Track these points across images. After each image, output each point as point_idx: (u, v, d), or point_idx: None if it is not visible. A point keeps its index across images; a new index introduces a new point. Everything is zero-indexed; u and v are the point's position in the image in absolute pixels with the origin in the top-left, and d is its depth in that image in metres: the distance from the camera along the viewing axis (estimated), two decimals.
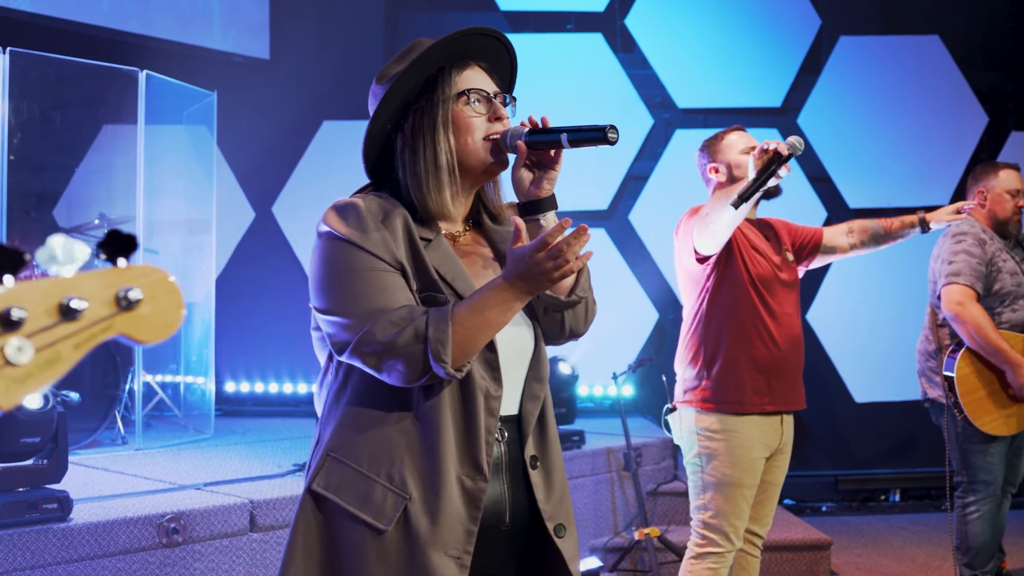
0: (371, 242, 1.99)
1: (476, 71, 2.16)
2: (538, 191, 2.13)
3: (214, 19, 7.53)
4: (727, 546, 3.81)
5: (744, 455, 3.78)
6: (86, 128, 6.23)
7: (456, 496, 1.98)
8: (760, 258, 3.83)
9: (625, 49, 8.02)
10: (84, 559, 3.97)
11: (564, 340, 2.25)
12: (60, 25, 6.59)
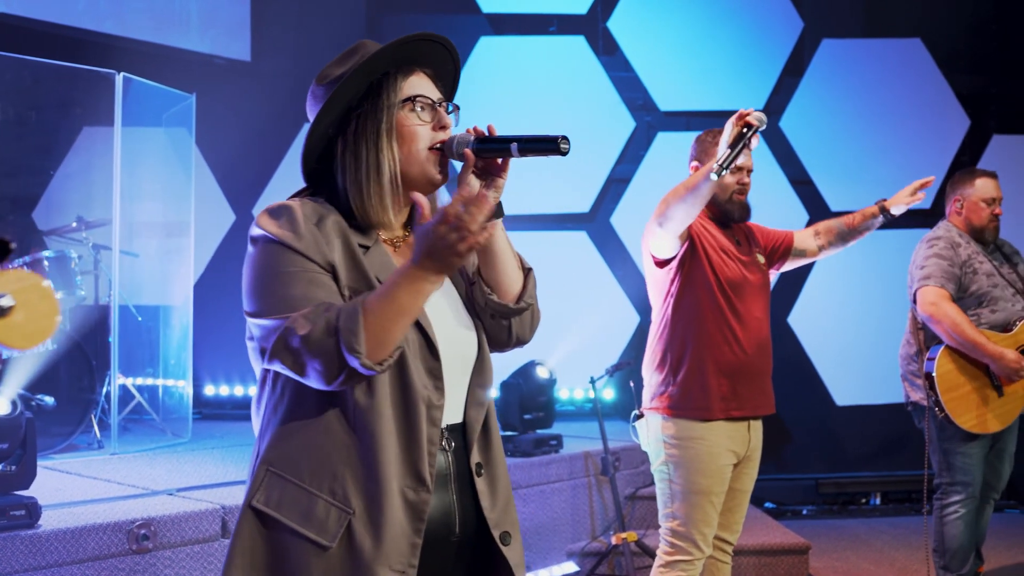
0: (303, 243, 1.94)
1: (421, 77, 2.12)
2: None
3: (192, 21, 7.50)
4: (696, 554, 3.78)
5: (711, 462, 3.75)
6: (62, 130, 6.20)
7: (399, 509, 1.94)
8: (728, 260, 3.80)
9: (607, 52, 8.00)
10: (52, 566, 3.93)
11: (511, 347, 2.21)
12: (36, 26, 6.54)
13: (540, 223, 7.82)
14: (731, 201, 3.85)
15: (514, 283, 2.15)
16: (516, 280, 2.15)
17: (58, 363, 5.94)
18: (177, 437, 6.61)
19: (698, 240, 3.74)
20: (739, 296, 3.79)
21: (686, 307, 3.77)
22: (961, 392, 4.68)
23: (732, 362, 3.76)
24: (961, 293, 4.72)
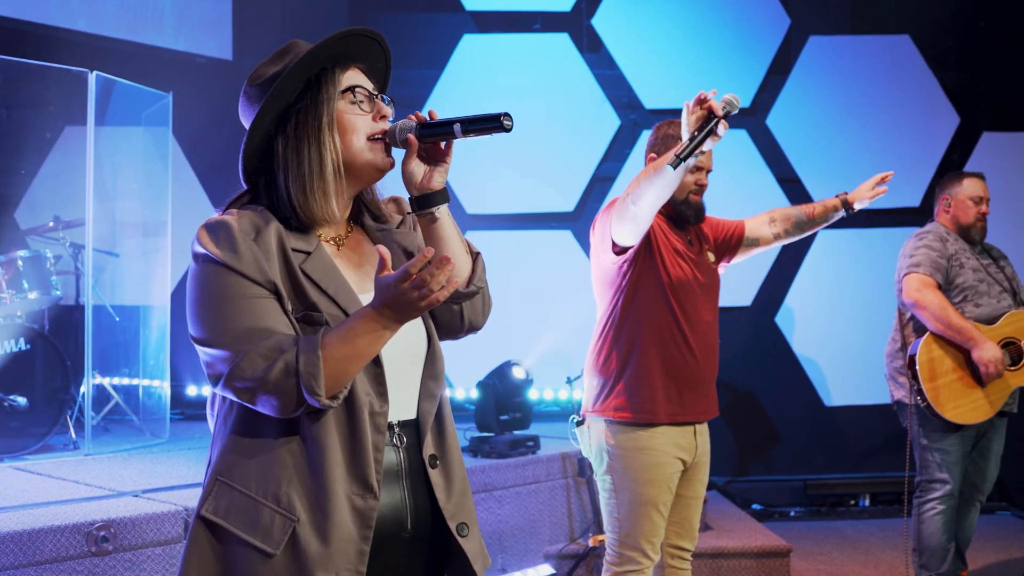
0: (243, 263, 1.92)
1: (356, 72, 2.12)
2: (430, 184, 2.11)
3: (167, 19, 7.45)
4: (645, 562, 3.69)
5: (657, 472, 3.65)
6: (34, 130, 6.15)
7: (346, 515, 1.94)
8: (680, 261, 3.69)
9: (592, 49, 7.93)
10: (8, 568, 3.87)
11: (463, 333, 2.22)
12: (6, 24, 6.50)
13: (524, 222, 7.76)
14: (686, 202, 3.73)
15: (463, 267, 2.16)
16: (465, 264, 2.16)
17: (33, 363, 5.89)
18: (156, 437, 6.56)
19: (653, 237, 3.63)
20: (688, 298, 3.69)
21: (636, 307, 3.66)
22: (943, 381, 4.63)
23: (681, 366, 3.66)
24: (947, 285, 4.74)
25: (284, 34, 8.16)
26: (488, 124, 2.01)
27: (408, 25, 8.07)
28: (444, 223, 2.13)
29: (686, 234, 3.80)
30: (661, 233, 3.68)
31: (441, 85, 7.87)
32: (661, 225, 3.70)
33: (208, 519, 1.97)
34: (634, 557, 3.69)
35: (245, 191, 2.11)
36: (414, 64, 7.98)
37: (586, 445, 3.81)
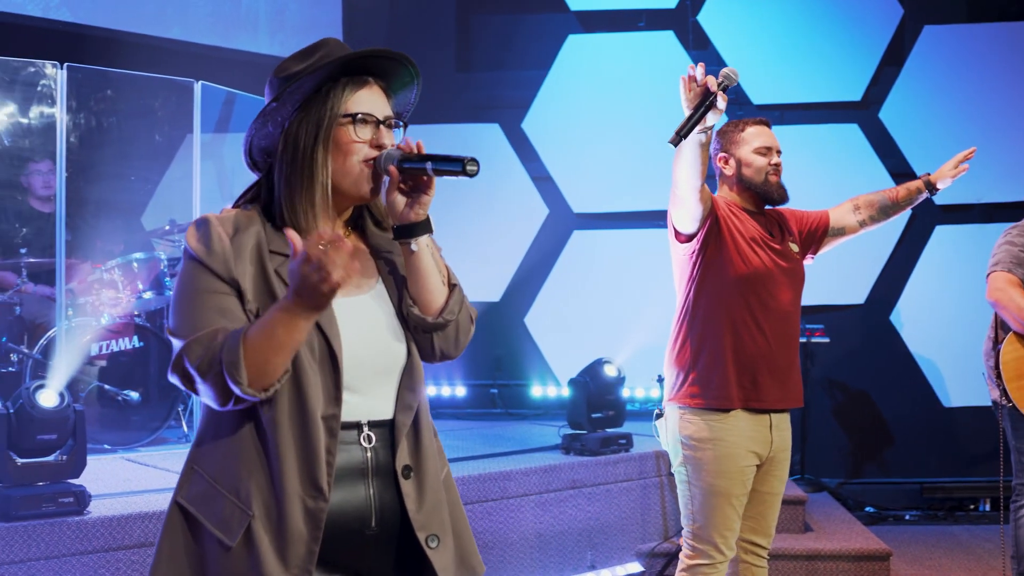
0: (213, 260, 2.01)
1: (372, 91, 2.14)
2: (411, 214, 2.12)
3: (286, 27, 7.70)
4: (718, 557, 3.68)
5: (731, 464, 3.64)
6: (141, 138, 6.45)
7: (298, 514, 1.98)
8: (757, 248, 3.68)
9: (697, 46, 7.88)
10: (98, 551, 4.09)
11: (436, 360, 2.21)
12: (109, 35, 6.82)
13: (632, 220, 7.74)
14: (766, 183, 3.74)
15: (436, 298, 2.16)
16: (439, 295, 2.16)
17: (147, 360, 6.17)
18: None
19: (724, 224, 3.64)
20: (767, 286, 3.68)
21: (708, 293, 3.68)
22: None
23: (754, 353, 3.65)
24: None
25: (392, 39, 8.34)
26: (452, 166, 2.05)
27: (513, 27, 8.16)
28: (422, 254, 2.14)
29: (767, 224, 3.79)
30: (736, 222, 3.68)
31: (547, 86, 7.93)
32: (737, 214, 3.70)
33: (181, 504, 2.05)
34: (707, 551, 3.69)
35: (254, 184, 2.17)
36: (519, 66, 8.07)
37: (664, 437, 3.84)
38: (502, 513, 5.22)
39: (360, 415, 2.08)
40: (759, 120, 3.83)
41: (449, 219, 7.75)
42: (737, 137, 3.79)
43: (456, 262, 7.55)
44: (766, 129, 3.81)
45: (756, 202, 3.79)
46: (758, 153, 3.73)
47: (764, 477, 3.78)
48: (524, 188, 8.02)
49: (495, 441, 6.47)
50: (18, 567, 3.94)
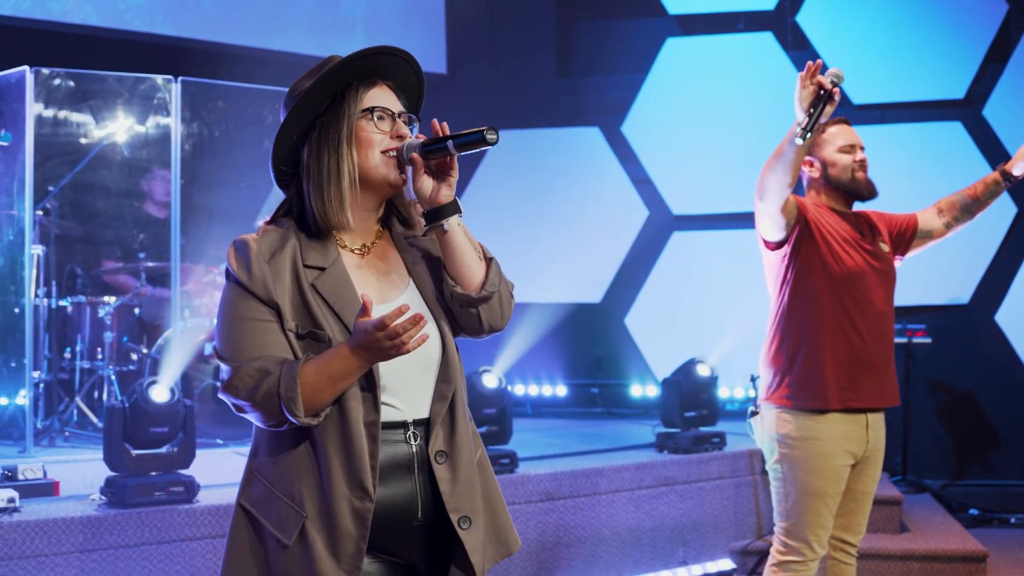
0: (254, 284, 2.16)
1: (383, 89, 2.29)
2: (438, 198, 2.24)
3: (380, 35, 7.93)
4: (810, 554, 3.73)
5: (826, 463, 3.69)
6: (250, 147, 6.71)
7: (347, 515, 2.13)
8: (849, 249, 3.74)
9: (796, 46, 7.87)
10: (205, 538, 4.35)
11: (484, 334, 2.33)
12: (220, 49, 7.14)
13: (731, 222, 7.76)
14: (854, 181, 3.79)
15: (475, 273, 2.27)
16: (478, 271, 2.27)
17: None
18: None
19: (814, 227, 3.70)
20: (859, 286, 3.74)
21: (802, 295, 3.75)
22: None
23: (850, 352, 3.70)
24: None
25: (494, 47, 8.53)
26: (474, 138, 2.18)
27: (612, 31, 8.26)
28: (455, 234, 2.24)
29: (856, 224, 3.84)
30: (825, 223, 3.74)
31: (646, 89, 8.01)
32: (825, 216, 3.76)
33: (244, 507, 2.23)
34: (799, 548, 3.74)
35: (285, 201, 2.31)
36: (619, 70, 8.18)
37: (759, 435, 3.90)
38: (594, 509, 5.34)
39: (405, 415, 2.22)
40: (839, 119, 3.87)
41: (550, 222, 7.94)
42: (819, 139, 3.82)
43: (557, 264, 7.75)
44: (847, 127, 3.86)
45: (845, 201, 3.84)
46: (842, 151, 3.78)
47: (858, 476, 3.81)
48: (624, 191, 8.12)
49: (591, 439, 6.59)
50: (131, 550, 4.22)
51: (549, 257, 8.03)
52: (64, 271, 6.57)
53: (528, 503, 5.17)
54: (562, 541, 5.22)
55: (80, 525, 4.16)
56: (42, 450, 5.94)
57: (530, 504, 5.18)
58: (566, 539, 5.24)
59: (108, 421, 4.44)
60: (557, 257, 8.02)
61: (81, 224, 6.83)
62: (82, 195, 6.86)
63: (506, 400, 5.32)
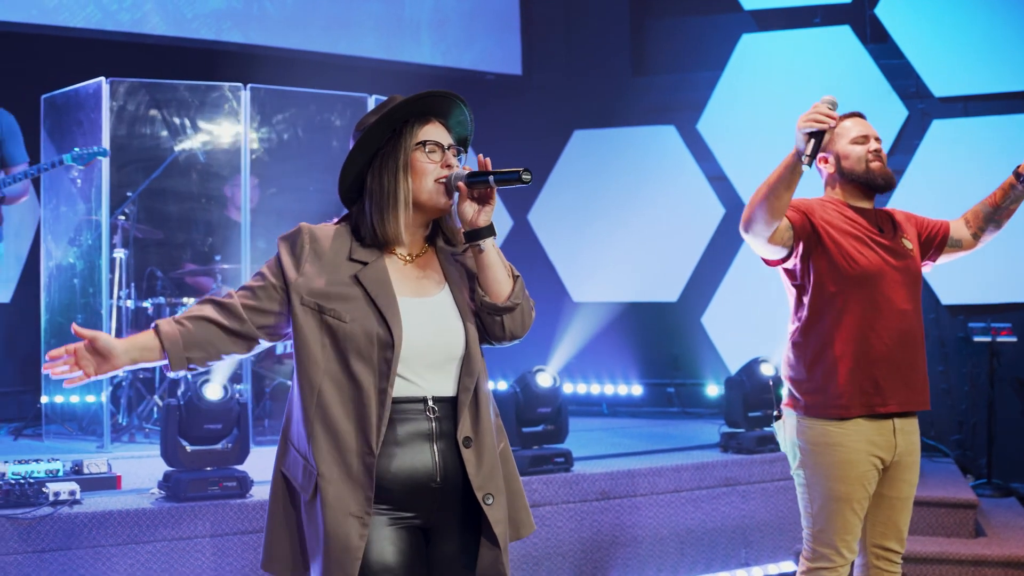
0: (285, 257, 2.61)
1: (435, 125, 2.66)
2: (478, 221, 2.61)
3: (474, 43, 8.04)
4: (839, 560, 3.62)
5: (850, 470, 3.57)
6: (320, 151, 6.87)
7: (357, 469, 2.49)
8: (863, 247, 3.60)
9: (875, 39, 7.71)
10: (257, 531, 4.48)
11: (506, 340, 2.70)
12: (287, 55, 7.30)
13: None
14: (868, 172, 3.66)
15: (503, 287, 2.63)
16: (505, 285, 2.64)
17: None
18: None
19: (823, 231, 3.58)
20: (877, 285, 3.60)
21: (819, 301, 3.63)
22: None
23: (871, 354, 3.57)
24: None
25: (568, 47, 8.55)
26: (509, 176, 2.56)
27: (686, 29, 8.22)
28: (489, 253, 2.62)
29: (875, 219, 3.71)
30: (837, 223, 3.62)
31: (721, 86, 7.95)
32: (839, 214, 3.65)
33: (280, 470, 2.65)
34: (827, 554, 3.63)
35: (347, 214, 2.71)
36: (693, 67, 8.13)
37: (781, 440, 3.79)
38: (652, 509, 5.33)
39: (424, 392, 2.57)
40: (851, 113, 3.77)
41: (626, 221, 7.92)
42: (832, 134, 3.70)
43: (633, 263, 7.74)
44: (860, 119, 3.76)
45: (863, 194, 3.71)
46: (855, 143, 3.67)
47: (892, 482, 3.67)
48: (700, 188, 8.07)
49: (658, 439, 6.58)
50: (185, 543, 4.37)
51: (625, 256, 8.03)
52: (144, 273, 6.81)
53: (583, 502, 5.19)
54: (619, 540, 5.23)
55: (136, 518, 4.34)
56: (122, 446, 6.18)
57: (585, 503, 5.20)
58: (623, 538, 5.24)
59: (165, 418, 4.61)
60: (633, 256, 8.01)
61: (157, 228, 7.07)
62: (157, 200, 7.10)
63: (561, 399, 5.35)
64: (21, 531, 4.14)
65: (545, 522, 5.06)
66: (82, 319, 6.39)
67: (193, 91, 6.73)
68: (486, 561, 2.60)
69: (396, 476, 2.53)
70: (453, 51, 8.08)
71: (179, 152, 7.05)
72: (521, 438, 5.23)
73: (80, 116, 6.26)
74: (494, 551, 2.60)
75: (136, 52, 7.14)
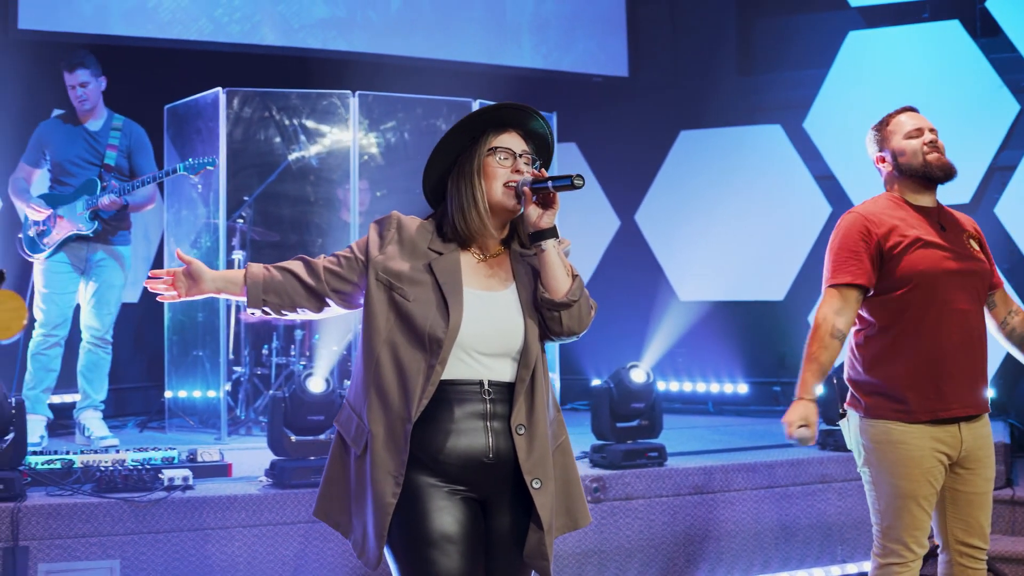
0: (375, 235, 2.88)
1: (511, 134, 2.90)
2: (540, 223, 2.81)
3: (575, 45, 8.17)
4: (909, 556, 3.60)
5: (913, 466, 3.56)
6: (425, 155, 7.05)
7: (398, 432, 2.74)
8: (920, 250, 3.57)
9: (986, 33, 7.57)
10: None
11: (565, 336, 2.88)
12: (390, 61, 7.52)
13: None
14: (926, 164, 3.63)
15: (562, 285, 2.82)
16: (564, 283, 2.83)
17: None
18: None
19: (885, 244, 3.57)
20: (936, 288, 3.57)
21: (877, 304, 3.63)
22: None
23: (932, 357, 3.55)
24: None
25: (675, 48, 8.61)
26: (564, 182, 2.76)
27: (792, 27, 8.20)
28: (550, 252, 2.82)
29: (936, 220, 3.68)
30: (896, 228, 3.60)
31: (828, 84, 7.91)
32: (896, 219, 3.62)
33: (336, 426, 2.92)
34: (897, 550, 3.62)
35: (434, 212, 2.97)
36: (799, 66, 8.11)
37: (848, 438, 3.79)
38: (745, 504, 5.38)
39: (481, 376, 2.79)
40: (902, 108, 3.76)
41: (732, 221, 7.95)
42: (886, 132, 3.71)
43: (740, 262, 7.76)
44: (913, 113, 3.71)
45: (922, 188, 3.68)
46: (909, 137, 3.64)
47: (965, 478, 3.64)
48: (807, 187, 8.05)
49: (759, 436, 6.59)
50: (289, 527, 4.63)
51: (732, 255, 8.05)
52: None
53: (676, 496, 5.27)
54: (711, 534, 5.29)
55: (243, 503, 4.60)
56: (239, 438, 6.51)
57: (679, 497, 5.28)
58: (715, 532, 5.30)
59: (272, 410, 4.87)
60: (740, 255, 8.02)
61: (270, 230, 7.37)
62: (271, 204, 7.41)
63: (655, 395, 5.43)
64: (137, 513, 4.45)
65: (638, 515, 5.17)
66: (202, 317, 6.74)
67: (304, 99, 7.03)
68: (532, 542, 2.79)
69: (451, 451, 2.74)
70: (554, 53, 8.21)
71: (292, 158, 7.35)
72: (615, 433, 5.34)
73: (199, 124, 6.61)
74: (539, 534, 2.77)
75: (248, 62, 7.47)
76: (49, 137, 6.09)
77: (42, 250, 5.93)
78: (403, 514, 2.72)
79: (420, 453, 2.74)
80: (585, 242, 8.68)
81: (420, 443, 2.73)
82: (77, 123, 6.08)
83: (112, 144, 6.04)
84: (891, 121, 3.72)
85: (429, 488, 2.74)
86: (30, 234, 5.98)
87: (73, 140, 6.04)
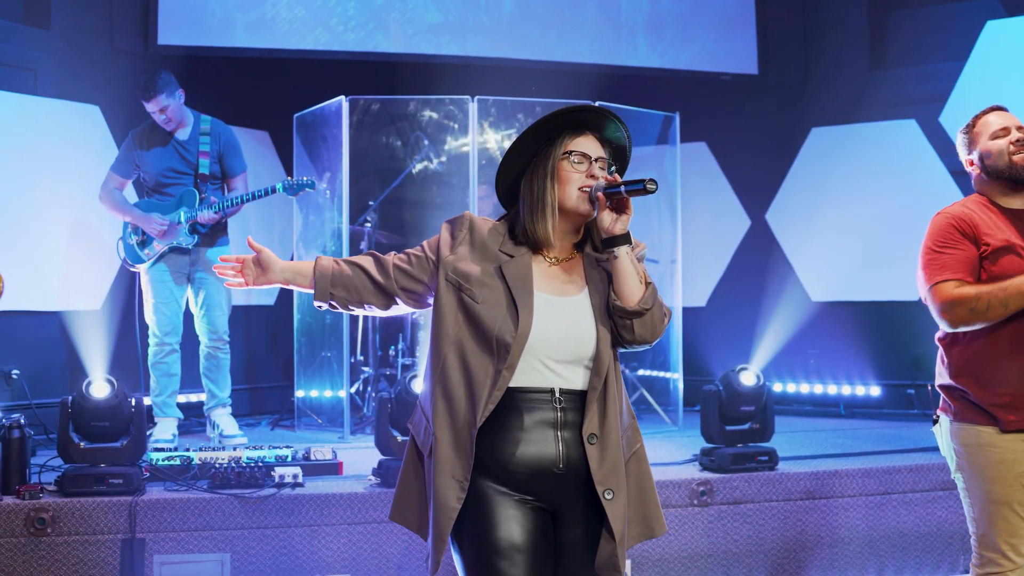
0: (447, 235, 2.89)
1: (587, 138, 2.86)
2: (614, 229, 2.79)
3: (677, 41, 8.12)
4: (1007, 564, 3.49)
5: (1006, 470, 3.45)
6: None
7: (465, 438, 2.73)
8: (1010, 256, 3.45)
9: None
10: None
11: (636, 344, 2.84)
12: (509, 65, 7.58)
13: None
14: (1011, 164, 3.50)
15: (634, 293, 2.79)
16: (636, 291, 2.79)
17: None
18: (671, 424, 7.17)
19: (981, 244, 3.46)
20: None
21: None
22: None
23: (1020, 365, 3.43)
24: None
25: (805, 43, 8.45)
26: (637, 186, 2.73)
27: (926, 18, 7.94)
28: (622, 259, 2.79)
29: (1020, 223, 3.55)
30: (987, 229, 3.48)
31: (965, 77, 7.63)
32: (990, 219, 3.51)
33: (409, 428, 2.97)
34: (994, 559, 3.53)
35: (508, 213, 2.96)
36: (934, 59, 7.85)
37: (941, 444, 3.71)
38: (859, 510, 5.28)
39: (553, 384, 2.76)
40: (989, 108, 3.62)
41: (867, 219, 7.76)
42: (973, 134, 3.61)
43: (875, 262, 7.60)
44: (1001, 112, 3.58)
45: (1010, 190, 3.55)
46: (995, 137, 3.52)
47: None
48: (943, 183, 7.77)
49: (888, 440, 6.45)
50: (395, 526, 4.64)
51: (865, 254, 7.86)
52: None
53: (787, 500, 5.20)
54: (823, 540, 5.20)
55: (350, 501, 4.75)
56: (363, 436, 6.67)
57: (789, 502, 5.21)
58: (827, 538, 5.21)
59: (378, 411, 5.01)
60: (873, 254, 7.82)
61: (394, 233, 7.55)
62: (393, 208, 7.59)
63: (766, 397, 5.36)
64: (247, 509, 4.64)
65: (747, 519, 5.12)
66: (329, 319, 6.96)
67: (423, 104, 7.17)
68: (604, 554, 2.75)
69: (520, 460, 2.72)
70: (670, 52, 8.15)
71: (414, 163, 7.51)
72: (724, 436, 5.29)
73: (324, 132, 6.82)
74: (611, 545, 2.73)
75: (366, 68, 7.66)
76: (142, 153, 6.09)
77: (143, 260, 6.04)
78: (470, 521, 2.71)
79: (488, 460, 2.73)
80: (715, 243, 8.63)
81: (488, 450, 2.72)
82: (168, 134, 6.07)
83: (204, 151, 6.05)
84: (978, 122, 3.61)
85: (498, 496, 2.73)
86: (131, 243, 6.08)
87: (166, 153, 6.06)
